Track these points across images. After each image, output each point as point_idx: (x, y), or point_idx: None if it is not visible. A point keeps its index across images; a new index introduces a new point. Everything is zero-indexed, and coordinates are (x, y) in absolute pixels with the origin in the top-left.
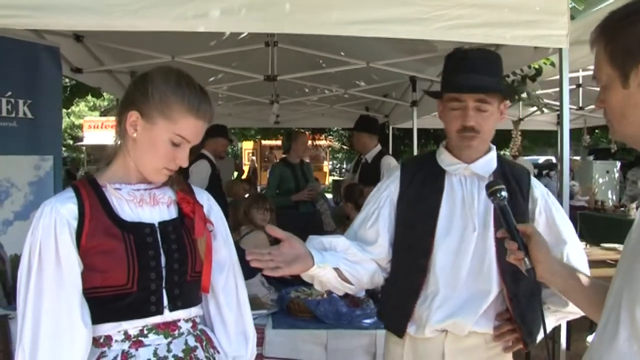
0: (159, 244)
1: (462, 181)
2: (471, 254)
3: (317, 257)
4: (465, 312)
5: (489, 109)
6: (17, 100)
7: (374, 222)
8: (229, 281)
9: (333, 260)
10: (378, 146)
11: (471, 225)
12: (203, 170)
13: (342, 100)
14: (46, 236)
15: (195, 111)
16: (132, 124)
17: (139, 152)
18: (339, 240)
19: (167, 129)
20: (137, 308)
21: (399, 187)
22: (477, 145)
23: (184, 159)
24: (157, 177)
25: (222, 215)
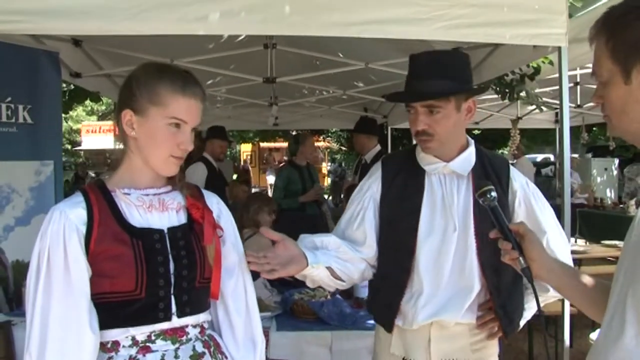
0: (168, 250)
1: (442, 180)
2: (453, 253)
3: (310, 258)
4: (450, 310)
5: (441, 111)
6: (17, 105)
7: (360, 222)
8: (238, 286)
9: (325, 260)
10: (377, 147)
11: (452, 225)
12: (197, 173)
13: (340, 102)
14: (55, 242)
15: (181, 90)
16: (127, 123)
17: (142, 148)
18: (330, 239)
19: (160, 115)
20: (145, 314)
21: (380, 186)
22: (435, 148)
23: (186, 142)
24: (167, 168)
25: (231, 219)
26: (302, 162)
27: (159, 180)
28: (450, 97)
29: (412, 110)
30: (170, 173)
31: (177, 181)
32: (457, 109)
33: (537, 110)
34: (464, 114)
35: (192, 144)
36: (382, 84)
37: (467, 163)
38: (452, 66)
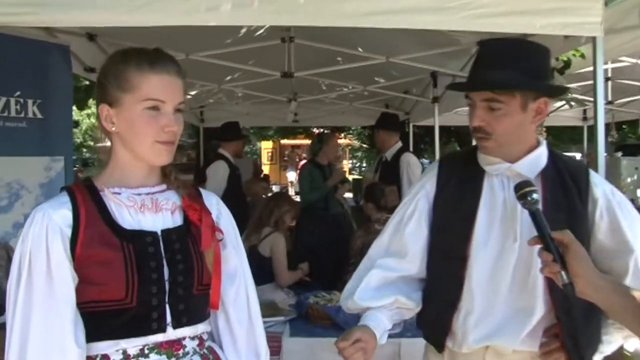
0: (162, 254)
1: (504, 183)
2: (512, 267)
3: (378, 334)
4: (506, 334)
5: (503, 107)
6: (26, 100)
7: (412, 228)
8: (239, 293)
9: (390, 322)
10: (398, 143)
11: (512, 234)
12: (219, 171)
13: (361, 98)
14: (37, 245)
15: (149, 67)
16: (106, 118)
17: (126, 141)
18: (388, 301)
19: (134, 100)
20: (137, 325)
21: (435, 185)
22: (492, 148)
23: (170, 124)
24: (156, 157)
25: (232, 220)
26: (323, 161)
27: (152, 178)
28: (515, 93)
29: (471, 104)
30: (162, 161)
31: (173, 179)
32: (522, 107)
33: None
34: (532, 114)
35: (177, 125)
36: (403, 79)
37: (536, 165)
38: (525, 57)
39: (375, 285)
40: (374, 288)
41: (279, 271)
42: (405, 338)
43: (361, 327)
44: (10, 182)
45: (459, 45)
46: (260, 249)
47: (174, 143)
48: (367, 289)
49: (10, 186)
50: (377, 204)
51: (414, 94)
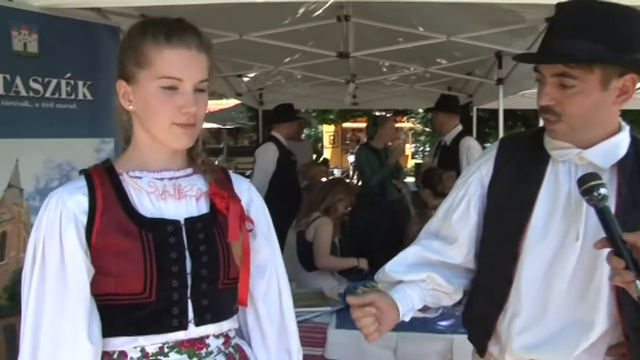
0: (184, 245)
1: (572, 171)
2: (572, 270)
3: (402, 309)
4: (558, 347)
5: (578, 85)
6: (76, 81)
7: (461, 213)
8: (270, 288)
9: (418, 301)
10: (458, 127)
11: (574, 232)
12: (268, 154)
13: (422, 80)
14: (50, 233)
15: (165, 41)
16: (124, 95)
17: (143, 121)
18: (421, 277)
19: (149, 77)
20: (156, 321)
21: (492, 168)
22: (561, 132)
23: (187, 105)
24: (174, 140)
25: (264, 208)
26: (379, 145)
27: (176, 162)
28: (593, 67)
29: (540, 79)
30: (181, 145)
31: (200, 163)
32: (603, 85)
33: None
34: (614, 94)
35: (197, 106)
36: (466, 60)
37: (612, 154)
38: (610, 24)
39: (411, 260)
40: (408, 263)
41: (317, 252)
42: (457, 334)
43: (383, 294)
44: (61, 164)
45: (525, 22)
46: (307, 234)
47: (194, 125)
48: (401, 262)
49: (61, 167)
50: (434, 190)
51: (477, 75)
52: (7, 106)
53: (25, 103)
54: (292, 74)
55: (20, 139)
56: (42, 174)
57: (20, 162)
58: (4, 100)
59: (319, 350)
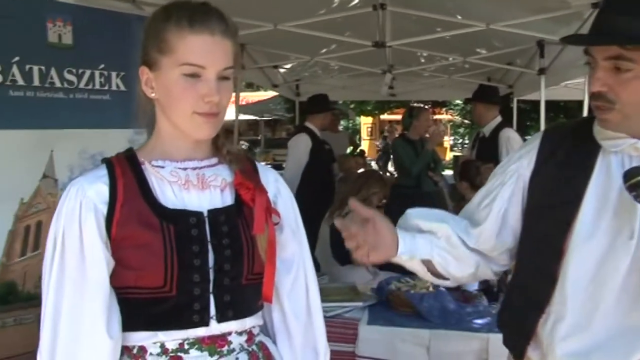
0: (207, 237)
1: (625, 163)
2: (624, 271)
3: (402, 247)
4: (607, 356)
5: (634, 69)
6: (110, 72)
7: (490, 201)
8: (297, 284)
9: (424, 251)
10: (497, 118)
11: (628, 229)
12: (301, 145)
13: (461, 70)
14: (69, 223)
15: (188, 26)
16: (146, 82)
17: (165, 109)
18: (439, 226)
19: (171, 64)
20: (177, 317)
21: (534, 160)
22: (614, 122)
23: (210, 93)
24: (196, 129)
25: (292, 201)
26: (414, 137)
27: (200, 151)
28: None
29: (591, 62)
30: (203, 135)
31: (225, 153)
32: None
33: None
34: None
35: (220, 95)
36: (506, 50)
37: None
38: None
39: (434, 214)
40: (429, 213)
41: None
42: (493, 333)
43: (387, 220)
44: (94, 154)
45: (569, 8)
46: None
47: (216, 115)
48: (423, 211)
49: (95, 158)
50: (471, 183)
51: (518, 65)
52: (43, 97)
53: (59, 94)
54: (329, 65)
55: (55, 130)
56: (76, 165)
57: (55, 152)
58: (39, 92)
59: (349, 346)
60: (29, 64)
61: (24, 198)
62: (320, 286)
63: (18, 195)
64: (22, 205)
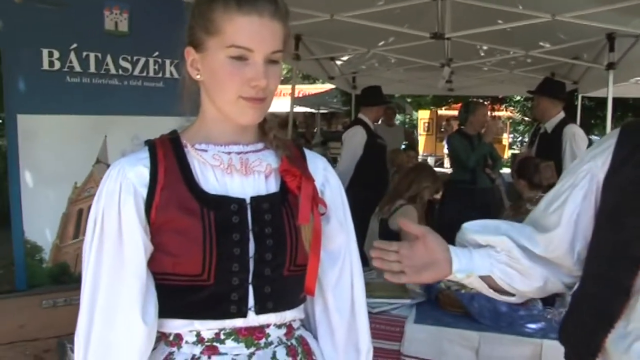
0: (249, 225)
1: None
2: None
3: (457, 264)
4: None
5: None
6: (164, 60)
7: (561, 204)
8: (342, 278)
9: (483, 266)
10: (561, 114)
11: None
12: (356, 138)
13: (523, 65)
14: (109, 205)
15: (236, 7)
16: (192, 63)
17: (210, 92)
18: (498, 239)
19: (218, 46)
20: (214, 306)
21: (610, 160)
22: None
23: (257, 77)
24: (241, 114)
25: (341, 191)
26: (471, 132)
27: (246, 135)
28: None
29: None
30: (248, 121)
31: (272, 138)
32: None
33: None
34: None
35: (268, 79)
36: (572, 43)
37: None
38: None
39: (491, 225)
40: (487, 225)
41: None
42: (548, 339)
43: (437, 236)
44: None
45: None
46: (390, 223)
47: (263, 100)
48: (480, 223)
49: None
50: (530, 181)
51: (584, 59)
52: (98, 84)
53: (114, 81)
54: (386, 58)
55: (109, 116)
56: (128, 151)
57: (108, 138)
58: (95, 78)
59: (395, 344)
60: (86, 51)
61: (77, 182)
62: (367, 281)
63: (72, 180)
64: (76, 189)
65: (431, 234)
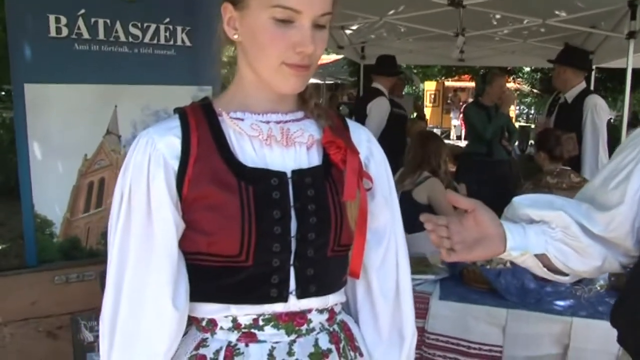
0: (290, 202)
1: None
2: None
3: (512, 241)
4: None
5: None
6: (175, 27)
7: (623, 179)
8: (387, 259)
9: (538, 244)
10: (582, 84)
11: None
12: (383, 109)
13: (537, 35)
14: (137, 179)
15: None
16: (229, 21)
17: (249, 56)
18: (555, 215)
19: (261, 4)
20: (252, 289)
21: None
22: None
23: (303, 42)
24: (282, 82)
25: (386, 164)
26: (487, 103)
27: (285, 104)
28: None
29: None
30: (290, 89)
31: (313, 106)
32: None
33: None
34: None
35: (315, 45)
36: (590, 11)
37: None
38: None
39: (543, 199)
40: (539, 200)
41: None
42: (578, 317)
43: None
44: (158, 111)
45: None
46: (415, 195)
47: (307, 68)
48: (531, 197)
49: (158, 115)
50: (550, 154)
51: (602, 28)
52: (107, 52)
53: (124, 49)
54: (396, 27)
55: (119, 85)
56: (139, 121)
57: (118, 108)
58: (104, 46)
59: (419, 321)
60: (95, 17)
61: (87, 154)
62: None
63: (82, 151)
64: (86, 161)
65: (483, 208)
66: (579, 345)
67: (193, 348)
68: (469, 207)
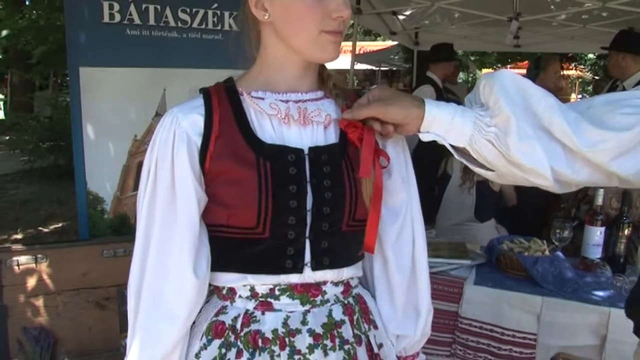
0: (307, 177)
1: None
2: None
3: (427, 105)
4: None
5: None
6: (222, 12)
7: (636, 110)
8: (403, 235)
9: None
10: None
11: None
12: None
13: (597, 19)
14: (163, 154)
15: None
16: (257, 4)
17: (282, 34)
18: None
19: None
20: (269, 261)
21: None
22: None
23: (339, 8)
24: (322, 51)
25: (404, 144)
26: None
27: (304, 83)
28: None
29: None
30: (328, 57)
31: (331, 86)
32: None
33: None
34: None
35: (348, 9)
36: None
37: None
38: None
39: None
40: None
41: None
42: (616, 308)
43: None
44: None
45: None
46: (492, 184)
47: (342, 34)
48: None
49: None
50: None
51: None
52: (157, 36)
53: (173, 33)
54: (450, 12)
55: (168, 69)
56: None
57: (167, 91)
58: (154, 31)
59: (453, 306)
60: (146, 3)
61: (137, 135)
62: (427, 240)
63: (132, 132)
64: (135, 142)
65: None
66: (617, 337)
67: (214, 315)
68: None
